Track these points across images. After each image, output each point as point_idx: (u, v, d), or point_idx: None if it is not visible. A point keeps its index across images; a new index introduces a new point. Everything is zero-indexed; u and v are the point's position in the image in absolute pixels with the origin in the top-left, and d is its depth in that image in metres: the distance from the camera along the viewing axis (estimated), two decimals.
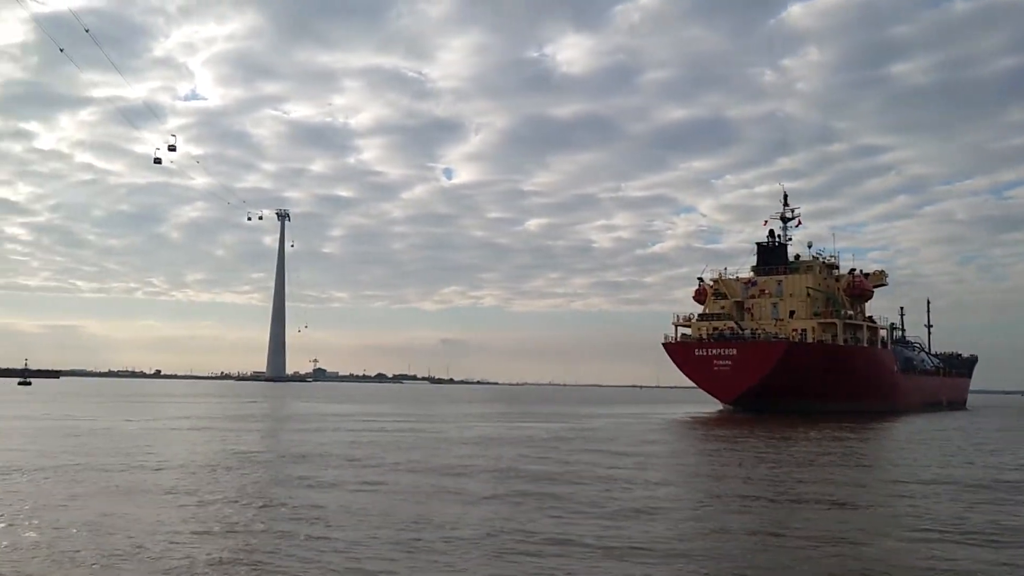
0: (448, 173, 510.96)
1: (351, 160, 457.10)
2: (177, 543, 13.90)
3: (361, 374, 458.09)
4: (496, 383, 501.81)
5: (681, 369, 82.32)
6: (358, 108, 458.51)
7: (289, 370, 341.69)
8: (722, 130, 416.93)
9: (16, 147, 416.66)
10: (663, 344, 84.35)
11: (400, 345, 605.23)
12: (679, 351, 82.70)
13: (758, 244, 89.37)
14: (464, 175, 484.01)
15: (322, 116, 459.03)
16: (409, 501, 18.84)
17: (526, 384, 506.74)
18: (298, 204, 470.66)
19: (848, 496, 21.09)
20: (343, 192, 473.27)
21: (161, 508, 17.40)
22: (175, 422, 49.37)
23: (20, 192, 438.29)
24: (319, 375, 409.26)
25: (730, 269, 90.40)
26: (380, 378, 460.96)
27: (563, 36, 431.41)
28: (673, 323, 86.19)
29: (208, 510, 17.31)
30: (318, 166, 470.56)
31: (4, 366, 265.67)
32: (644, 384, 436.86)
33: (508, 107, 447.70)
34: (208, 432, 40.95)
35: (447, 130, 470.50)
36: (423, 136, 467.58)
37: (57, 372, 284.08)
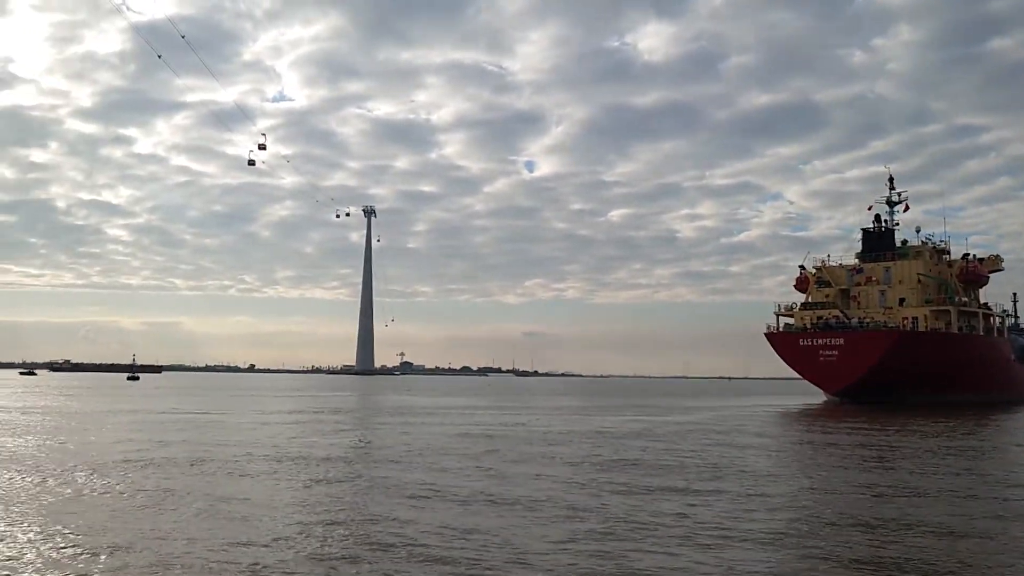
0: (529, 166, 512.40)
1: (433, 155, 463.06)
2: (313, 533, 13.82)
3: (447, 367, 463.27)
4: (579, 375, 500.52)
5: (784, 360, 79.86)
6: (439, 104, 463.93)
7: (377, 363, 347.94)
8: (809, 114, 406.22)
9: (117, 152, 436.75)
10: (766, 334, 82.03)
11: (484, 338, 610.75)
12: (783, 341, 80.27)
13: (864, 230, 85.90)
14: (545, 167, 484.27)
15: (404, 113, 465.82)
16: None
17: (610, 376, 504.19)
18: (383, 200, 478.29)
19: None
20: (426, 187, 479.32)
21: (298, 497, 17.44)
22: (287, 416, 50.38)
23: (121, 195, 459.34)
24: (406, 368, 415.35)
25: (832, 256, 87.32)
26: (465, 371, 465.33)
27: (644, 24, 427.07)
28: (775, 312, 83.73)
29: (342, 499, 17.28)
30: (401, 162, 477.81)
31: (110, 361, 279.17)
32: (732, 375, 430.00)
33: (588, 97, 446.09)
34: (321, 424, 41.58)
35: (528, 123, 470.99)
36: (504, 129, 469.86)
37: (160, 367, 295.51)
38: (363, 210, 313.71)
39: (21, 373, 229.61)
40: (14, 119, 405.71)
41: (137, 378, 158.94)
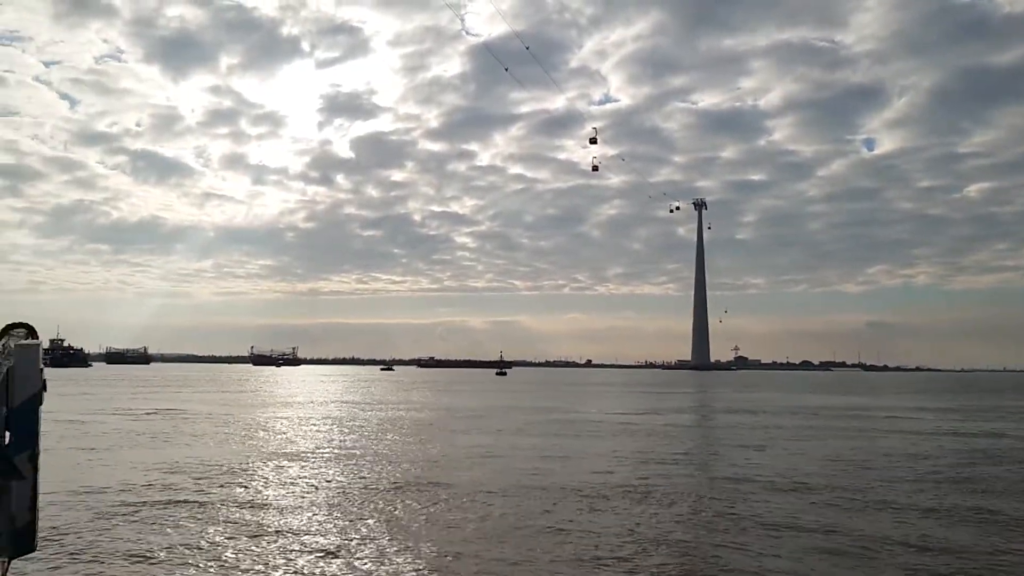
0: (869, 144, 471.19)
1: (762, 142, 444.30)
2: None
3: (784, 361, 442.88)
4: (936, 370, 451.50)
5: None
6: (766, 88, 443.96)
7: (711, 358, 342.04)
8: None
9: (461, 167, 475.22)
10: None
11: (822, 330, 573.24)
12: None
13: None
14: (887, 144, 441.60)
15: (730, 101, 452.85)
16: None
17: (975, 371, 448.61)
18: (709, 192, 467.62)
19: None
20: (755, 176, 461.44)
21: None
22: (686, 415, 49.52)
23: (466, 205, 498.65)
24: (741, 363, 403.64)
25: None
26: (805, 365, 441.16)
27: None
28: None
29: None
30: (728, 152, 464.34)
31: (464, 357, 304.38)
32: None
33: (936, 62, 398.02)
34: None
35: (865, 97, 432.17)
36: (838, 108, 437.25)
37: (510, 363, 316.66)
38: (693, 203, 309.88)
39: (382, 369, 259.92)
40: (377, 144, 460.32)
41: (505, 373, 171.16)
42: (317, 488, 18.82)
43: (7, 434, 3.56)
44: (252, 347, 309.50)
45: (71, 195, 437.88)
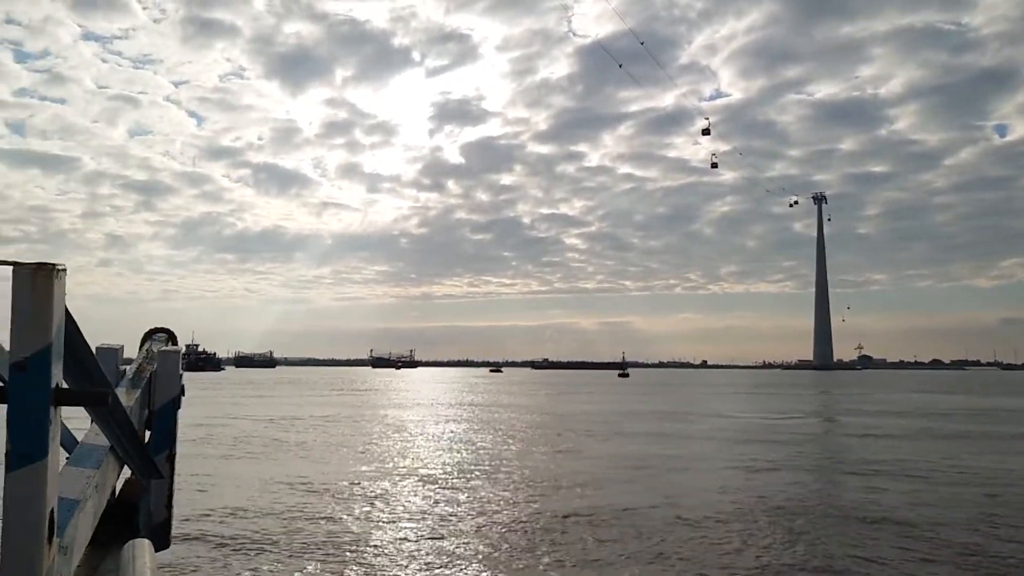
0: (1000, 130, 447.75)
1: (883, 132, 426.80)
2: None
3: (912, 360, 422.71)
4: None
5: None
6: (887, 76, 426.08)
7: (834, 358, 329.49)
8: None
9: (570, 168, 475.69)
10: None
11: (951, 327, 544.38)
12: None
13: None
14: (1021, 129, 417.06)
15: (848, 91, 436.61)
16: None
17: None
18: (827, 186, 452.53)
19: None
20: (876, 168, 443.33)
21: None
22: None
23: (575, 207, 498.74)
24: (865, 362, 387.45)
25: None
26: (935, 364, 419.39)
27: None
28: None
29: None
30: (847, 144, 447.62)
31: (578, 359, 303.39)
32: None
33: None
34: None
35: (996, 82, 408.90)
36: (966, 93, 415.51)
37: (625, 364, 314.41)
38: (812, 197, 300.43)
39: (490, 371, 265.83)
40: (487, 149, 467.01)
41: (627, 374, 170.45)
42: (464, 515, 15.93)
43: (147, 434, 3.74)
44: (371, 350, 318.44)
45: (199, 208, 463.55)
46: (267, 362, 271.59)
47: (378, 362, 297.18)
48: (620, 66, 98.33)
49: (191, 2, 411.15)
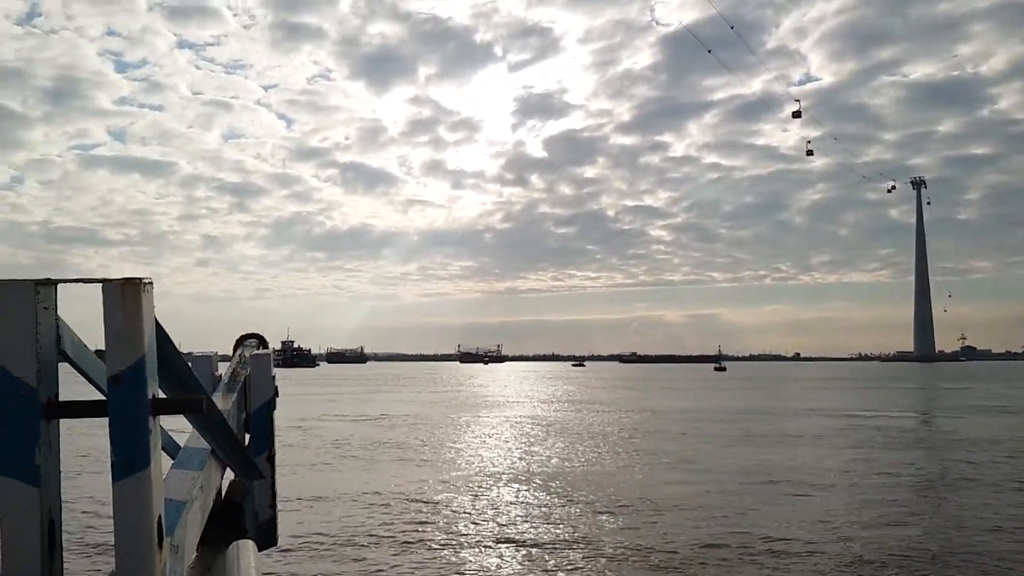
0: None
1: (985, 113, 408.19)
2: None
3: (1020, 351, 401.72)
4: None
5: None
6: (988, 53, 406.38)
7: (935, 348, 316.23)
8: None
9: (654, 159, 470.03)
10: None
11: None
12: None
13: None
14: None
15: (946, 71, 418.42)
16: None
17: None
18: (925, 170, 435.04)
19: None
20: (978, 150, 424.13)
21: None
22: None
23: (660, 198, 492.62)
24: (969, 353, 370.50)
25: None
26: None
27: None
28: None
29: None
30: (946, 126, 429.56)
31: (667, 352, 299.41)
32: None
33: None
34: None
35: None
36: None
37: (721, 357, 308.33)
38: (911, 182, 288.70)
39: (573, 365, 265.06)
40: (570, 142, 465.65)
41: (724, 368, 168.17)
42: (574, 542, 14.06)
43: (246, 437, 3.81)
44: (459, 345, 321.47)
45: (290, 208, 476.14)
46: (358, 357, 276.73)
47: (466, 357, 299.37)
48: (709, 51, 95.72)
49: (279, 7, 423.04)
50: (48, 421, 1.95)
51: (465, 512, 16.73)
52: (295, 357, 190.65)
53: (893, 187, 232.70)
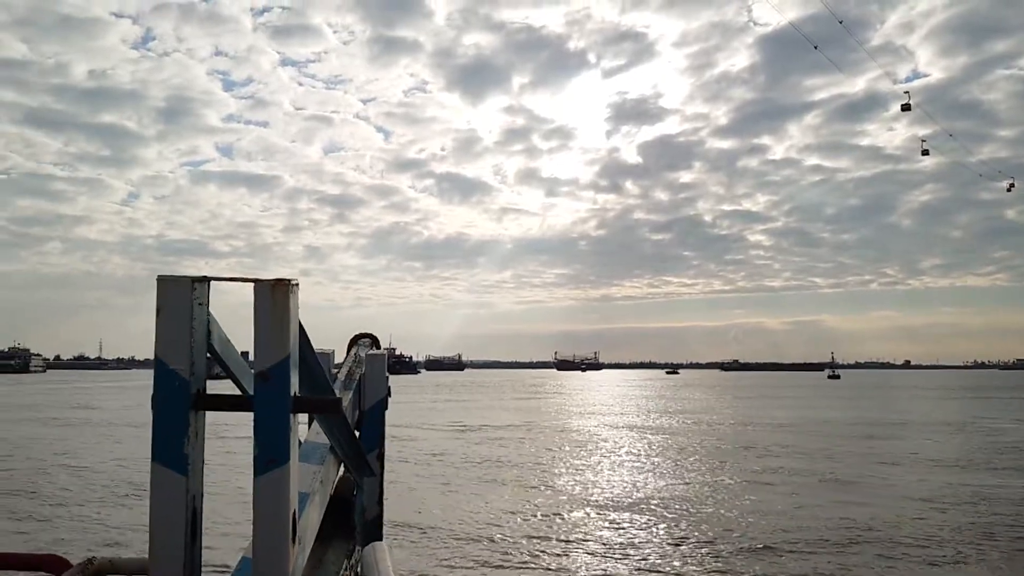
0: None
1: None
2: None
3: None
4: None
5: None
6: None
7: None
8: None
9: (752, 162, 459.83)
10: None
11: None
12: None
13: None
14: None
15: None
16: None
17: None
18: None
19: None
20: None
21: None
22: None
23: (759, 202, 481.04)
24: None
25: None
26: None
27: None
28: None
29: None
30: None
31: (761, 360, 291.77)
32: None
33: None
34: None
35: None
36: None
37: (834, 365, 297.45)
38: None
39: (667, 372, 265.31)
40: (665, 147, 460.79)
41: (838, 376, 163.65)
42: None
43: (357, 434, 3.78)
44: (556, 352, 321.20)
45: (388, 218, 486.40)
46: (456, 364, 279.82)
47: (563, 364, 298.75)
48: (816, 47, 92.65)
49: (377, 22, 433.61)
50: (197, 412, 2.04)
51: (554, 547, 14.64)
52: (397, 364, 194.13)
53: (1012, 186, 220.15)
